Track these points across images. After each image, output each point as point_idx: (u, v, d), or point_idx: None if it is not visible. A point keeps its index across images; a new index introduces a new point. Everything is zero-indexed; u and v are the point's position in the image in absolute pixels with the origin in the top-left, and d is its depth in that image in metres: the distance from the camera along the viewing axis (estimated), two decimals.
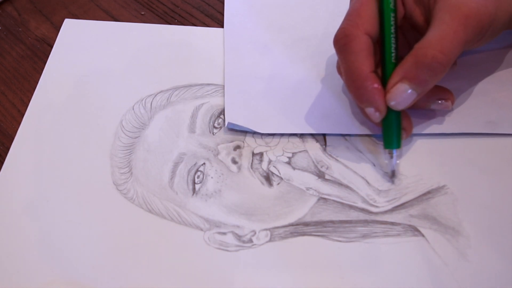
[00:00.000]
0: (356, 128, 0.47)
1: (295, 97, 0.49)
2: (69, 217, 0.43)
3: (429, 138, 0.46)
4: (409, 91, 0.41)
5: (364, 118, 0.47)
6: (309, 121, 0.48)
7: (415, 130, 0.46)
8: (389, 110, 0.42)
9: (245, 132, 0.47)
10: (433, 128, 0.46)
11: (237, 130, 0.47)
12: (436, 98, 0.45)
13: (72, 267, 0.40)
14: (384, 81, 0.42)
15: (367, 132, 0.47)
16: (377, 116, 0.42)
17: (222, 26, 0.56)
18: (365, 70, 0.41)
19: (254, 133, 0.47)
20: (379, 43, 0.43)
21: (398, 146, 0.43)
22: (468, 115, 0.47)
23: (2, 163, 0.46)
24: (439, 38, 0.40)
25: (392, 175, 0.44)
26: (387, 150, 0.44)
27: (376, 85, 0.41)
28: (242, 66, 0.52)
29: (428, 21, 0.42)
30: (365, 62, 0.41)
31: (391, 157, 0.44)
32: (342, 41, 0.42)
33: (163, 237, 0.42)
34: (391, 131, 0.43)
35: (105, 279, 0.40)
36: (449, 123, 0.47)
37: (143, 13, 0.58)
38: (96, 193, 0.44)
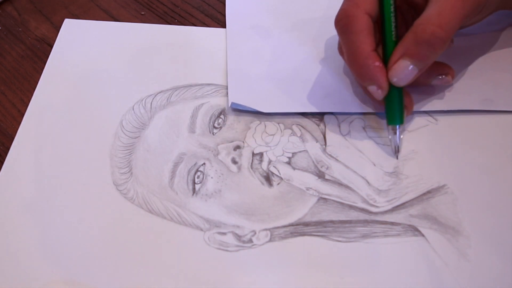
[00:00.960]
0: (358, 106, 0.48)
1: (297, 77, 0.50)
2: (69, 217, 0.42)
3: (428, 137, 0.46)
4: (411, 67, 0.41)
5: (365, 97, 0.48)
6: (311, 100, 0.49)
7: (414, 108, 0.47)
8: (391, 87, 0.43)
9: (245, 132, 0.47)
10: (431, 105, 0.47)
11: (241, 111, 0.48)
12: (436, 74, 0.45)
13: (72, 267, 0.40)
14: (385, 59, 0.43)
15: (369, 110, 0.47)
16: (379, 94, 0.43)
17: (222, 26, 0.56)
18: (366, 49, 0.42)
19: (257, 112, 0.48)
20: (378, 22, 0.44)
21: (401, 122, 0.44)
22: (465, 93, 0.48)
23: (2, 163, 0.45)
24: (437, 13, 0.40)
25: (396, 151, 0.45)
26: (390, 127, 0.45)
27: (377, 63, 0.42)
28: (244, 49, 0.53)
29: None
30: (366, 41, 0.42)
31: (395, 133, 0.45)
32: (343, 22, 0.42)
33: (163, 237, 0.41)
34: (394, 107, 0.44)
35: (105, 279, 0.39)
36: (446, 100, 0.47)
37: (143, 13, 0.58)
38: (96, 193, 0.44)
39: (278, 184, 0.44)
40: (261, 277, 0.39)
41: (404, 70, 0.41)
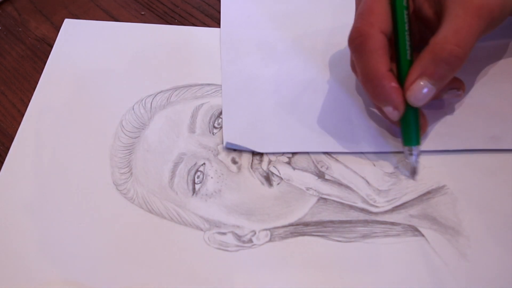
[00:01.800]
0: (364, 145, 0.46)
1: (296, 111, 0.48)
2: (69, 217, 0.42)
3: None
4: (429, 87, 0.40)
5: (370, 135, 0.46)
6: (310, 139, 0.46)
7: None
8: (407, 107, 0.42)
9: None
10: (437, 145, 0.45)
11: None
12: (448, 88, 0.44)
13: (72, 267, 0.40)
14: (400, 78, 0.42)
15: (376, 150, 0.45)
16: (395, 115, 0.42)
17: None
18: (381, 69, 0.40)
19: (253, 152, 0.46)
20: (392, 40, 0.43)
21: (417, 142, 0.43)
22: (471, 130, 0.46)
23: (2, 163, 0.45)
24: (454, 32, 0.39)
25: (413, 172, 0.44)
26: (406, 148, 0.43)
27: (393, 84, 0.41)
28: (240, 73, 0.51)
29: (437, 14, 0.42)
30: (381, 61, 0.41)
31: (411, 154, 0.43)
32: (358, 41, 0.41)
33: (163, 237, 0.41)
34: (411, 128, 0.43)
35: (105, 279, 0.39)
36: (453, 138, 0.45)
37: (143, 13, 0.57)
38: (96, 193, 0.43)
39: (278, 184, 0.44)
40: (261, 277, 0.39)
41: (422, 90, 0.40)
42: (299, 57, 0.52)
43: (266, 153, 0.45)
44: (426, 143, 0.45)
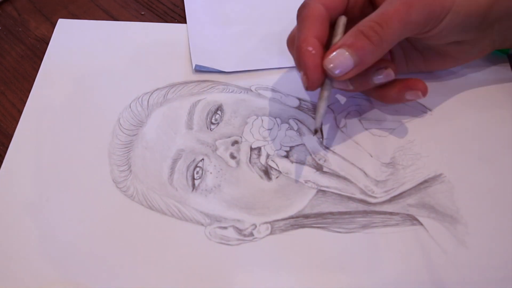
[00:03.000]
0: None
1: (255, 34, 0.53)
2: (69, 216, 0.42)
3: (424, 127, 0.45)
4: (346, 55, 0.38)
5: None
6: (269, 56, 0.51)
7: None
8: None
9: (242, 127, 0.46)
10: None
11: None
12: (376, 69, 0.42)
13: (72, 266, 0.39)
14: None
15: None
16: (305, 82, 0.40)
17: None
18: (306, 34, 0.40)
19: (220, 72, 0.49)
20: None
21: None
22: None
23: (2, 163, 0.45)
24: (381, 13, 0.39)
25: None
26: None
27: (310, 48, 0.39)
28: (203, 13, 0.55)
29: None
30: (310, 27, 0.40)
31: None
32: (298, 11, 0.42)
33: (165, 233, 0.41)
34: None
35: (107, 277, 0.39)
36: None
37: (143, 13, 0.56)
38: (95, 191, 0.43)
39: (276, 177, 0.43)
40: (263, 269, 0.39)
41: (339, 57, 0.39)
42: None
43: (264, 147, 0.44)
44: None
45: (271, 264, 0.39)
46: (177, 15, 0.56)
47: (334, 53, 0.39)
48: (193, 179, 0.43)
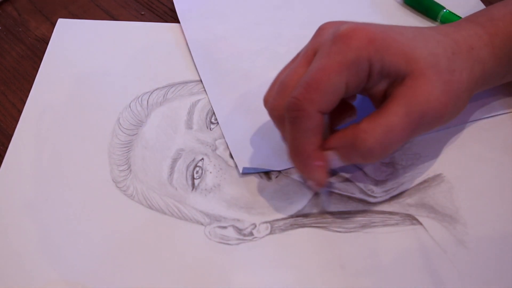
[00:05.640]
0: None
1: None
2: (68, 215, 0.41)
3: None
4: (336, 160, 0.37)
5: None
6: None
7: None
8: None
9: None
10: None
11: None
12: (343, 118, 0.41)
13: (72, 265, 0.38)
14: None
15: None
16: (316, 189, 0.41)
17: None
18: (308, 148, 0.37)
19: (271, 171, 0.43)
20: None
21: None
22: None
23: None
24: (385, 131, 0.35)
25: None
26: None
27: (318, 163, 0.37)
28: (225, 93, 0.48)
29: (386, 94, 0.38)
30: (311, 141, 0.37)
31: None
32: (293, 114, 0.36)
33: (164, 233, 0.40)
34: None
35: (107, 277, 0.38)
36: None
37: (143, 13, 0.56)
38: (95, 191, 0.42)
39: (276, 177, 0.42)
40: (262, 269, 0.38)
41: (330, 159, 0.37)
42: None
43: None
44: None
45: (271, 263, 0.38)
46: (177, 15, 0.55)
47: (327, 153, 0.37)
48: (193, 178, 0.42)
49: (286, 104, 0.36)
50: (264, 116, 0.41)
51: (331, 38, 0.36)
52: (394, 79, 0.36)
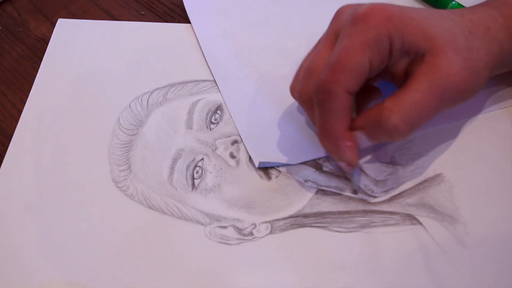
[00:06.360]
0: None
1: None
2: (69, 216, 0.41)
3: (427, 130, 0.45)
4: (364, 139, 0.38)
5: None
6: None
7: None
8: None
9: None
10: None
11: None
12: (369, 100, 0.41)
13: (72, 266, 0.38)
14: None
15: None
16: (349, 170, 0.40)
17: None
18: (339, 129, 0.38)
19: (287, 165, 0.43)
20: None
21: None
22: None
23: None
24: (409, 107, 0.36)
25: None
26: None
27: (348, 143, 0.38)
28: (238, 90, 0.48)
29: (407, 73, 0.38)
30: (341, 122, 0.37)
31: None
32: (322, 96, 0.37)
33: (164, 233, 0.40)
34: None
35: (107, 277, 0.38)
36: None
37: (143, 13, 0.56)
38: (95, 191, 0.42)
39: (276, 177, 0.42)
40: (263, 269, 0.38)
41: (358, 140, 0.38)
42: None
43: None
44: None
45: (271, 263, 0.38)
46: (177, 15, 0.55)
47: (354, 134, 0.38)
48: (193, 178, 0.42)
49: (314, 87, 0.37)
50: (276, 111, 0.42)
51: (351, 19, 0.37)
52: (414, 56, 0.37)
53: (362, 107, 0.40)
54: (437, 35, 0.37)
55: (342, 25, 0.38)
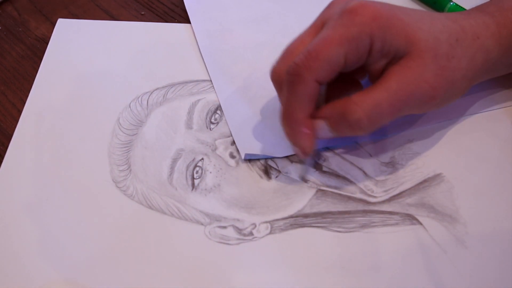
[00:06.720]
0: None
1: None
2: (68, 215, 0.41)
3: (424, 126, 0.44)
4: (326, 130, 0.38)
5: None
6: None
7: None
8: None
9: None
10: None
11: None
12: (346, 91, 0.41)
13: (72, 266, 0.38)
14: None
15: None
16: (302, 156, 0.40)
17: None
18: (300, 115, 0.38)
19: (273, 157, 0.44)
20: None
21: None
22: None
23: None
24: (374, 104, 0.37)
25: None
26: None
27: (306, 130, 0.38)
28: (231, 83, 0.48)
29: (383, 72, 0.38)
30: (303, 107, 0.38)
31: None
32: (292, 78, 0.38)
33: (164, 233, 0.40)
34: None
35: (107, 277, 0.38)
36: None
37: (143, 13, 0.55)
38: (95, 190, 0.42)
39: (276, 177, 0.42)
40: (262, 269, 0.38)
41: (319, 129, 0.38)
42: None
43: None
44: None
45: (271, 263, 0.38)
46: (177, 15, 0.55)
47: (317, 122, 0.38)
48: (193, 178, 0.42)
49: (287, 69, 0.38)
50: (267, 105, 0.43)
51: (339, 12, 0.37)
52: (393, 57, 0.37)
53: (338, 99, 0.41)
54: (420, 39, 0.37)
55: (330, 16, 0.38)
